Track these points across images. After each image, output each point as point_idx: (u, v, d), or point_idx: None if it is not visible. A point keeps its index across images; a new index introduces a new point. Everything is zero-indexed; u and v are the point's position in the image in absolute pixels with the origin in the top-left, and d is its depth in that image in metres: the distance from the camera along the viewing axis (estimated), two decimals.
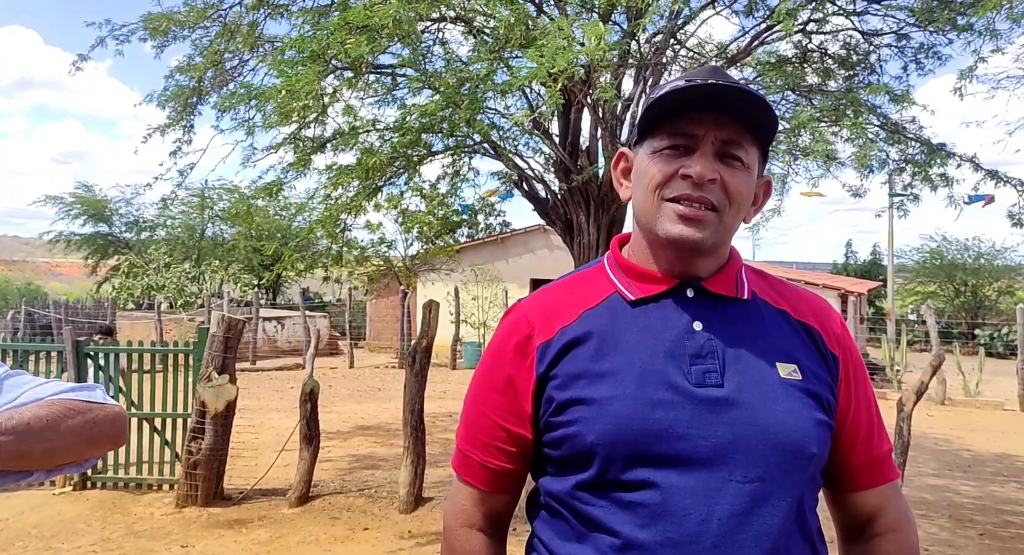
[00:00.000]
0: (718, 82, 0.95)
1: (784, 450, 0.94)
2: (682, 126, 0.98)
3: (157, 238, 25.03)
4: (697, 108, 0.97)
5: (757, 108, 0.96)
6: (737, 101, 0.96)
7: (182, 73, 6.57)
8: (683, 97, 0.96)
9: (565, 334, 1.01)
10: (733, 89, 0.95)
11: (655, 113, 0.99)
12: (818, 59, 6.44)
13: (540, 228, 17.44)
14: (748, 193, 1.01)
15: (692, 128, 0.97)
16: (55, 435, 1.00)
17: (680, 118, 0.98)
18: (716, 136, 0.97)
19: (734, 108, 0.97)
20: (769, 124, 0.99)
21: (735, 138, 0.98)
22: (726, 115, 0.97)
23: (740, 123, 0.97)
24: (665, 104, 0.98)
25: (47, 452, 1.00)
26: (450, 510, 1.10)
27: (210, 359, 5.43)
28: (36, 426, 0.98)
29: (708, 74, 0.98)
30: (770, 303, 1.06)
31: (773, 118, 0.98)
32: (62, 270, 40.64)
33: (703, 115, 0.97)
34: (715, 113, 0.97)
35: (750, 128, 0.98)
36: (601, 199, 6.39)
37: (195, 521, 4.98)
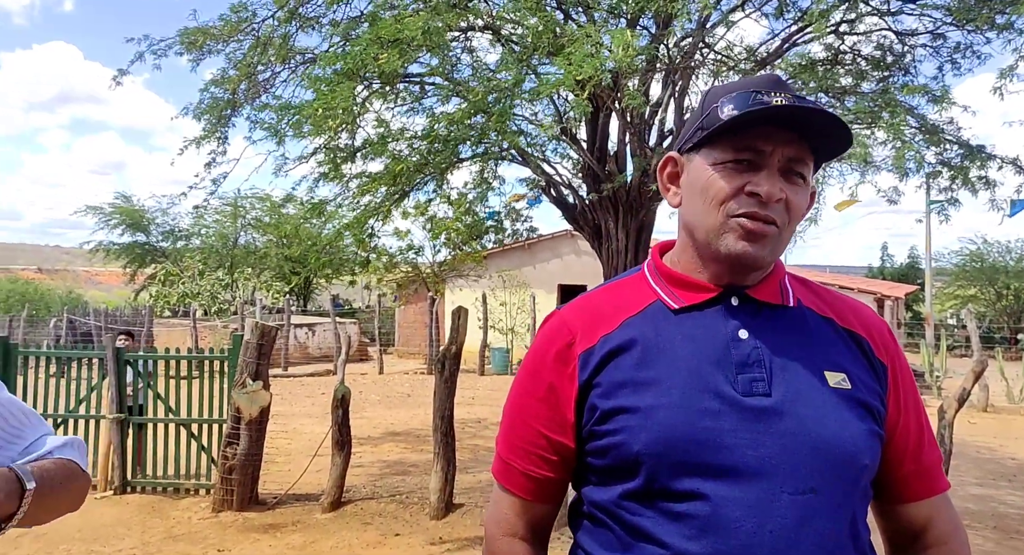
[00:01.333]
0: (795, 103, 0.93)
1: (836, 461, 0.92)
2: (749, 140, 0.96)
3: (192, 247, 25.56)
4: (768, 124, 0.95)
5: (832, 127, 0.95)
6: (808, 119, 0.94)
7: (216, 86, 6.71)
8: (759, 115, 0.95)
9: (608, 342, 1.00)
10: (805, 108, 0.94)
11: (725, 125, 0.96)
12: (851, 60, 6.34)
13: (567, 233, 17.40)
14: (803, 209, 1.00)
15: (760, 144, 0.96)
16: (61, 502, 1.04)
17: (747, 132, 0.96)
18: (783, 153, 0.96)
19: (803, 125, 0.95)
20: (843, 143, 0.98)
21: (800, 156, 0.96)
22: (792, 131, 0.95)
23: (804, 140, 0.96)
24: (738, 120, 0.95)
25: (46, 513, 1.02)
26: (491, 518, 1.09)
27: (244, 365, 5.52)
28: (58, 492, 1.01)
29: (772, 85, 0.97)
30: (815, 311, 1.04)
31: (848, 138, 0.96)
32: (101, 279, 41.72)
33: (770, 130, 0.95)
34: (784, 129, 0.95)
35: (813, 145, 0.97)
36: (630, 204, 6.37)
37: (231, 525, 5.06)
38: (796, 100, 0.94)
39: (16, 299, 26.81)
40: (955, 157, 5.90)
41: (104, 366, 5.97)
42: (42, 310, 25.41)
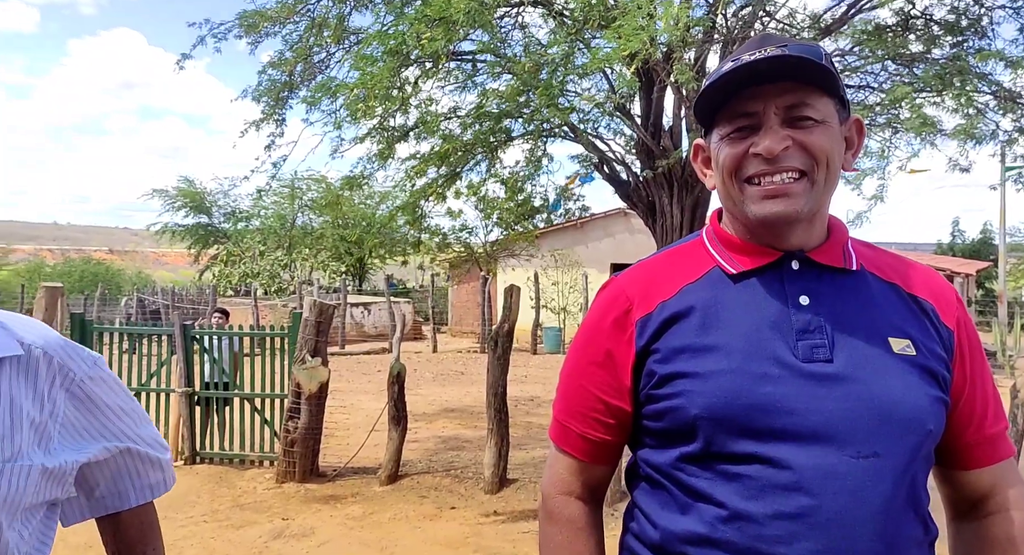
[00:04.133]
0: (761, 55, 0.92)
1: (900, 426, 0.91)
2: (738, 107, 0.96)
3: (252, 228, 26.36)
4: (749, 84, 0.94)
5: (806, 66, 0.92)
6: (785, 65, 0.92)
7: (274, 68, 6.84)
8: (728, 81, 0.94)
9: (666, 308, 1.00)
10: (775, 58, 0.92)
11: (708, 103, 0.98)
12: (922, 26, 6.02)
13: (620, 212, 17.20)
14: (834, 146, 0.96)
15: (747, 106, 0.95)
16: None
17: (734, 99, 0.96)
18: (776, 105, 0.94)
19: (784, 72, 0.93)
20: (825, 76, 0.94)
21: (798, 101, 0.94)
22: (779, 81, 0.93)
23: (798, 84, 0.94)
24: (711, 93, 0.96)
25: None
26: (549, 479, 1.11)
27: (304, 342, 5.69)
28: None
29: (757, 45, 0.96)
30: (880, 276, 1.02)
31: (825, 69, 0.93)
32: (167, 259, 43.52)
33: (757, 89, 0.94)
34: (769, 83, 0.94)
35: (812, 84, 0.94)
36: (685, 180, 6.24)
37: (294, 496, 5.26)
38: (778, 50, 0.92)
39: (90, 279, 28.21)
40: None
41: (172, 343, 6.24)
42: (113, 289, 26.68)
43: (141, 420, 1.11)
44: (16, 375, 0.94)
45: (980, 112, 5.60)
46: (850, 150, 1.02)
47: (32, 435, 0.94)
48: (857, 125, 1.03)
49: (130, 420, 1.08)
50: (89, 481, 1.05)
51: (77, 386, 0.99)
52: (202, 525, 4.65)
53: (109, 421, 1.04)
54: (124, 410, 1.07)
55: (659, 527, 0.98)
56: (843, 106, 0.99)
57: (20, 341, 0.95)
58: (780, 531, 0.88)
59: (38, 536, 0.98)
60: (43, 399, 0.96)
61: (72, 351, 1.00)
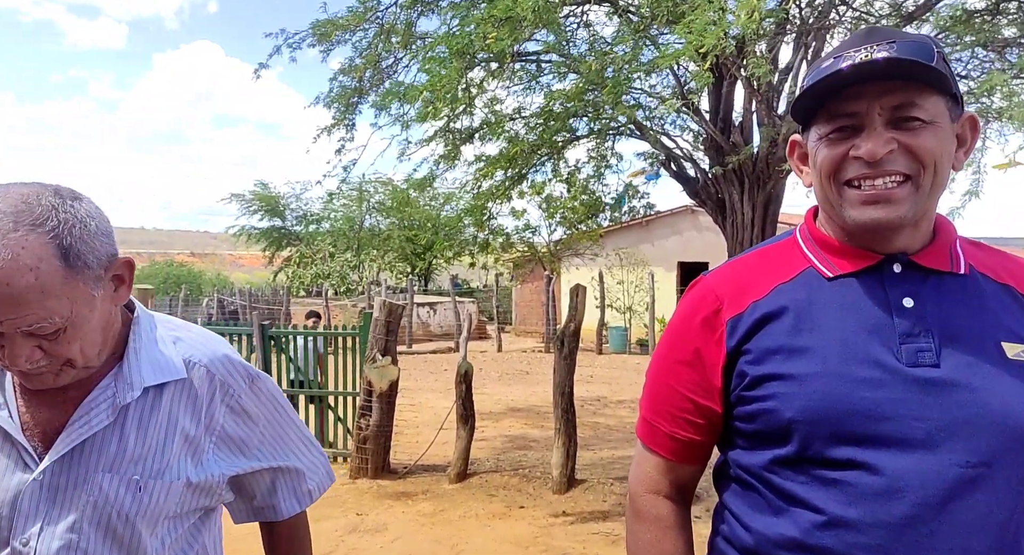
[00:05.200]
0: (868, 57, 0.88)
1: (1014, 435, 0.87)
2: (839, 107, 0.92)
3: (322, 230, 27.20)
4: (853, 83, 0.90)
5: (915, 67, 0.88)
6: (891, 65, 0.88)
7: (344, 75, 7.04)
8: (828, 84, 0.91)
9: (757, 308, 0.98)
10: (877, 61, 0.88)
11: (809, 100, 0.94)
12: (1015, 9, 5.67)
13: (687, 209, 16.87)
14: (942, 147, 0.92)
15: (850, 106, 0.91)
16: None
17: (835, 98, 0.92)
18: (881, 106, 0.90)
19: (891, 72, 0.89)
20: (935, 75, 0.90)
21: (905, 100, 0.90)
22: (887, 80, 0.89)
23: (906, 82, 0.89)
24: (817, 91, 0.92)
25: None
26: (636, 477, 1.10)
27: (374, 341, 5.82)
28: None
29: (861, 41, 0.92)
30: (992, 277, 0.97)
31: (937, 70, 0.89)
32: (244, 261, 45.34)
33: (860, 88, 0.90)
34: (874, 83, 0.89)
35: (921, 82, 0.90)
36: (756, 176, 6.08)
37: (367, 492, 5.40)
38: (888, 47, 0.88)
39: (174, 281, 29.75)
40: None
41: (251, 343, 6.50)
42: (195, 291, 28.03)
43: (295, 433, 1.16)
44: (179, 394, 1.02)
45: None
46: (962, 148, 0.97)
47: (184, 448, 1.00)
48: (971, 122, 0.98)
49: (284, 435, 1.14)
50: (247, 490, 1.14)
51: (235, 401, 1.06)
52: None
53: (265, 436, 1.11)
54: (279, 424, 1.13)
55: (752, 530, 0.96)
56: (956, 102, 0.95)
57: (187, 360, 1.02)
58: (880, 539, 0.86)
59: (186, 539, 1.06)
60: (201, 414, 1.02)
61: (233, 368, 1.07)
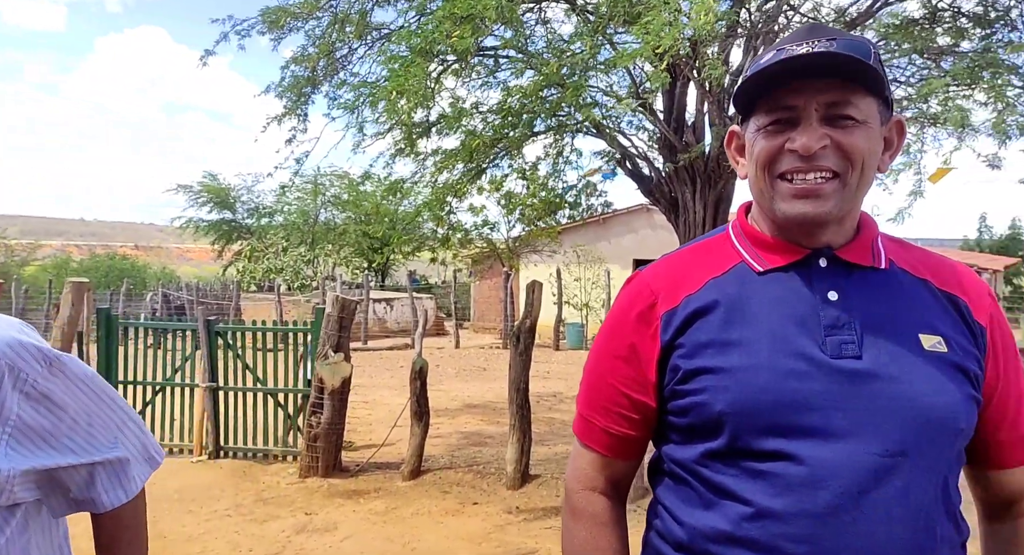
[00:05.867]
0: (810, 50, 0.91)
1: (930, 424, 0.90)
2: (780, 99, 0.94)
3: (275, 223, 26.64)
4: (793, 77, 0.92)
5: (853, 65, 0.91)
6: (832, 62, 0.90)
7: (296, 64, 6.89)
8: (772, 73, 0.92)
9: (691, 303, 1.00)
10: (821, 54, 0.90)
11: (749, 91, 0.96)
12: (950, 18, 5.89)
13: (643, 208, 17.12)
14: (871, 147, 0.94)
15: (790, 100, 0.93)
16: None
17: (777, 90, 0.94)
18: (818, 102, 0.92)
19: (831, 69, 0.91)
20: (873, 76, 0.93)
21: (840, 98, 0.92)
22: (826, 77, 0.91)
23: (843, 81, 0.92)
24: (758, 81, 0.94)
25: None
26: (572, 474, 1.10)
27: (326, 338, 5.73)
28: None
29: (804, 35, 0.94)
30: (910, 272, 1.01)
31: (874, 70, 0.92)
32: (192, 255, 44.09)
33: (800, 83, 0.92)
34: (813, 78, 0.92)
35: (857, 82, 0.92)
36: (708, 176, 6.19)
37: (317, 490, 5.31)
38: (828, 44, 0.91)
39: (116, 274, 28.72)
40: None
41: (196, 338, 6.33)
42: (139, 285, 27.13)
43: (115, 417, 1.06)
44: None
45: (1011, 106, 5.48)
46: (888, 151, 1.00)
47: None
48: (898, 126, 1.01)
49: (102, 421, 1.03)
50: (61, 485, 1.02)
51: (31, 387, 0.94)
52: (226, 519, 4.72)
53: (77, 424, 0.99)
54: (94, 409, 1.02)
55: (684, 524, 0.97)
56: (886, 106, 0.98)
57: None
58: (805, 529, 0.88)
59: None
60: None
61: (24, 350, 0.94)
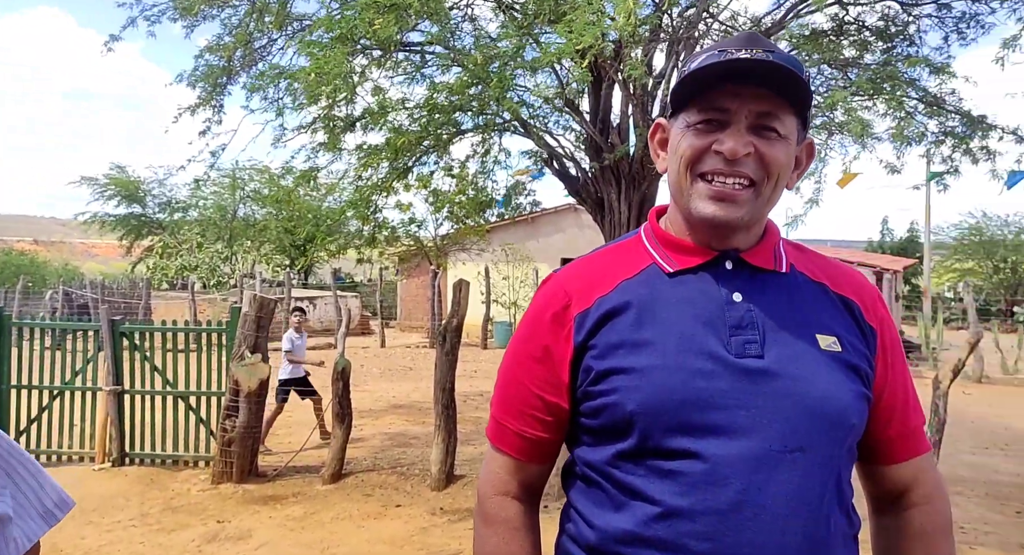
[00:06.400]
0: (752, 55, 0.93)
1: (825, 421, 0.93)
2: (715, 100, 0.96)
3: (190, 219, 25.44)
4: (730, 81, 0.94)
5: (789, 79, 0.94)
6: (771, 73, 0.93)
7: (212, 53, 6.59)
8: (715, 71, 0.94)
9: (603, 304, 1.00)
10: (765, 63, 0.92)
11: (688, 87, 0.97)
12: (855, 31, 6.23)
13: (571, 207, 17.33)
14: (787, 163, 0.98)
15: (725, 102, 0.95)
16: None
17: (712, 91, 0.96)
18: (750, 109, 0.95)
19: (768, 79, 0.94)
20: (803, 94, 0.96)
21: (770, 110, 0.95)
22: (760, 87, 0.94)
23: (776, 94, 0.95)
24: (697, 78, 0.96)
25: None
26: (485, 478, 1.09)
27: (243, 338, 5.51)
28: None
29: (744, 43, 0.96)
30: (809, 276, 1.05)
31: (806, 89, 0.96)
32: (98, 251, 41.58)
33: (736, 88, 0.95)
34: (749, 85, 0.94)
35: (786, 98, 0.96)
36: (632, 177, 6.30)
37: (230, 497, 5.09)
38: (765, 54, 0.93)
39: (11, 271, 26.76)
40: (957, 127, 5.84)
41: (100, 338, 5.96)
42: (38, 282, 25.38)
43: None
44: None
45: (909, 116, 5.84)
46: (796, 170, 1.04)
47: None
48: (809, 148, 1.06)
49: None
50: None
51: None
52: (130, 530, 4.46)
53: None
54: None
55: (595, 527, 0.97)
56: (804, 127, 1.01)
57: None
58: (709, 526, 0.89)
59: None
60: None
61: None
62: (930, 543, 1.03)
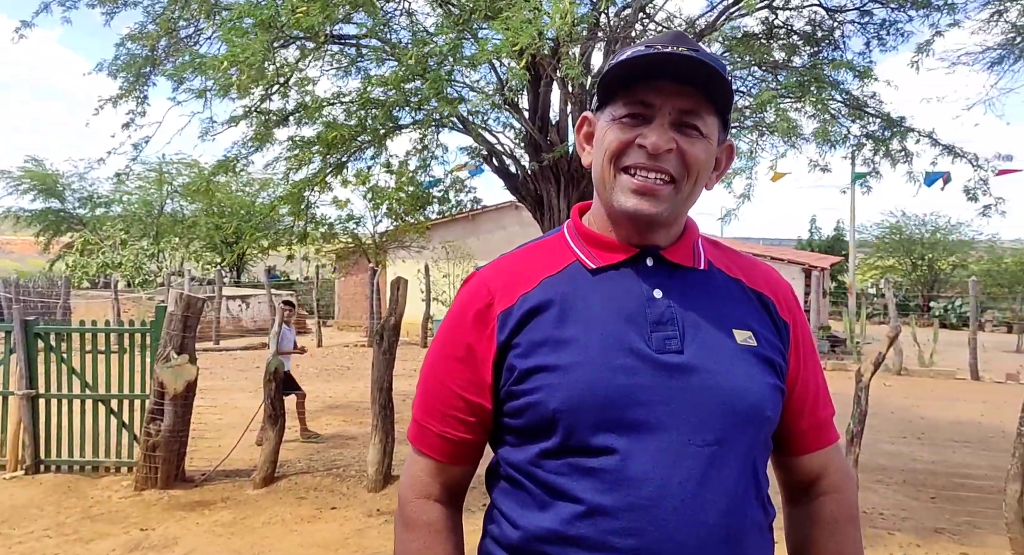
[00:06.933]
0: (676, 50, 0.94)
1: (741, 414, 0.95)
2: (640, 94, 0.96)
3: (113, 214, 24.28)
4: (656, 76, 0.95)
5: (713, 78, 0.95)
6: (696, 70, 0.94)
7: (134, 41, 6.29)
8: (642, 65, 0.95)
9: (526, 301, 1.00)
10: (691, 58, 0.93)
11: (614, 80, 0.98)
12: (784, 35, 6.44)
13: (512, 205, 17.33)
14: (707, 162, 1.00)
15: (650, 97, 0.96)
16: None
17: (638, 86, 0.96)
18: (674, 106, 0.96)
19: (693, 77, 0.95)
20: (725, 95, 0.98)
21: (693, 108, 0.96)
22: (685, 84, 0.95)
23: (699, 92, 0.96)
24: (624, 71, 0.96)
25: None
26: (406, 482, 1.07)
27: (168, 339, 5.28)
28: None
29: (671, 40, 0.96)
30: (726, 272, 1.07)
31: (728, 89, 0.97)
32: (13, 247, 39.19)
33: (662, 84, 0.95)
34: (674, 82, 0.95)
35: (709, 97, 0.97)
36: (571, 175, 6.34)
37: (155, 504, 4.88)
38: (690, 52, 0.94)
39: None
40: (878, 130, 6.11)
41: (12, 340, 5.61)
42: None
43: None
44: None
45: (834, 118, 6.08)
46: (716, 170, 1.05)
47: None
48: (729, 150, 1.07)
49: None
50: None
51: None
52: (44, 540, 4.21)
53: None
54: None
55: (519, 527, 0.96)
56: (724, 128, 1.03)
57: None
58: (631, 523, 0.89)
59: None
60: None
61: None
62: (839, 530, 1.06)
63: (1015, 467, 4.15)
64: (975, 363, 12.20)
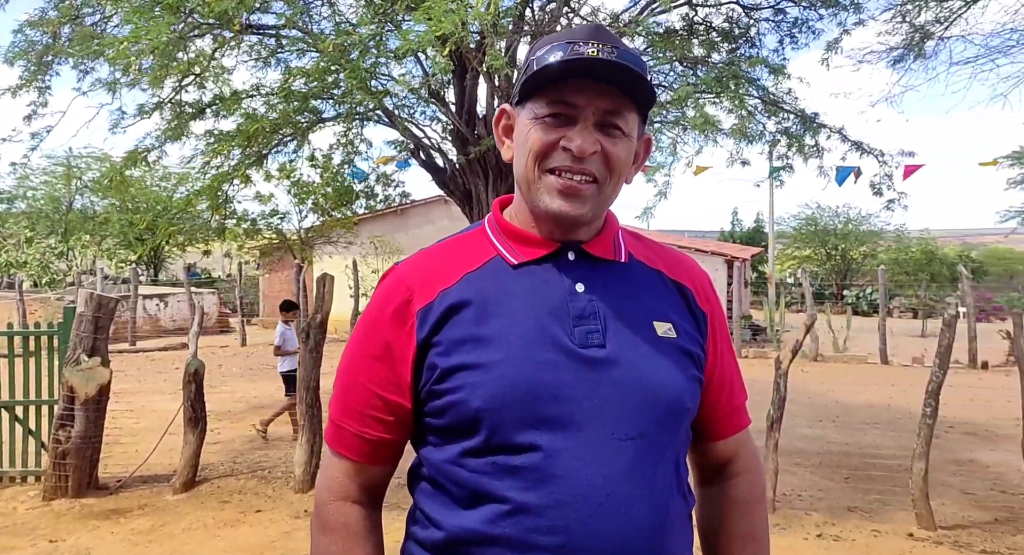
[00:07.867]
0: (600, 55, 0.93)
1: (662, 406, 0.95)
2: (563, 94, 0.96)
3: (16, 210, 22.76)
4: (579, 76, 0.95)
5: (635, 79, 0.95)
6: (619, 72, 0.95)
7: (33, 28, 5.90)
8: (566, 68, 0.94)
9: (446, 297, 0.98)
10: (612, 62, 0.93)
11: (536, 79, 0.96)
12: (704, 31, 6.62)
13: (441, 199, 17.21)
14: (628, 160, 1.00)
15: (574, 98, 0.95)
16: None
17: (561, 84, 0.95)
18: (598, 107, 0.96)
19: (615, 78, 0.95)
20: (647, 94, 0.98)
21: (616, 108, 0.96)
22: (607, 84, 0.95)
23: (623, 92, 0.96)
24: (547, 72, 0.95)
25: None
26: (322, 484, 1.04)
27: (78, 341, 5.00)
28: None
29: (590, 35, 0.96)
30: (647, 264, 1.07)
31: (650, 88, 0.98)
32: None
33: (585, 83, 0.95)
34: (597, 82, 0.95)
35: (632, 97, 0.97)
36: (499, 168, 6.35)
37: (65, 513, 4.62)
38: (611, 51, 0.94)
39: None
40: (792, 126, 6.36)
41: None
42: None
43: None
44: None
45: (751, 114, 6.30)
46: (634, 164, 1.06)
47: None
48: (647, 143, 1.08)
49: None
50: None
51: None
52: None
53: None
54: None
55: (443, 527, 0.95)
56: (643, 123, 1.03)
57: None
58: (556, 520, 0.88)
59: None
60: None
61: None
62: (750, 509, 1.10)
63: (920, 447, 4.44)
64: (884, 348, 12.95)
